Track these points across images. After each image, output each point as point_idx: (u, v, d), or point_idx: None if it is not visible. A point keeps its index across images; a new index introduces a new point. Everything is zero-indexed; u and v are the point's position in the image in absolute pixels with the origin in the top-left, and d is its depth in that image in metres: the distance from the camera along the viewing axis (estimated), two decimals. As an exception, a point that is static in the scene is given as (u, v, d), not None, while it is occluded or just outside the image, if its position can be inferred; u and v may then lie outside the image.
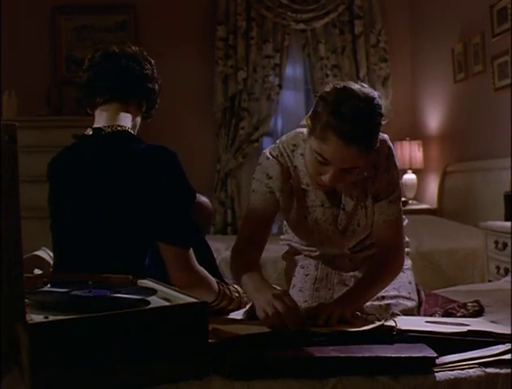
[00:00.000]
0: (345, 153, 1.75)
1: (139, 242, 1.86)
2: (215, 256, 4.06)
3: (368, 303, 2.01)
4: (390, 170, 1.97)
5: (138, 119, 2.03)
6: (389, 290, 2.07)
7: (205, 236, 2.25)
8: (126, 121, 1.95)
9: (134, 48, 2.03)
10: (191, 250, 1.86)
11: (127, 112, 1.96)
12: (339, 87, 1.78)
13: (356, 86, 1.78)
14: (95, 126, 1.94)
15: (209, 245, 2.20)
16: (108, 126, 1.91)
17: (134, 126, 1.99)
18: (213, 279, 1.94)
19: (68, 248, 1.94)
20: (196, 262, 1.88)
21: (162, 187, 1.80)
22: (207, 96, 5.78)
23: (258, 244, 1.99)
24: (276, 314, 1.49)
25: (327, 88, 1.80)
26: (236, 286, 2.07)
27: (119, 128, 1.91)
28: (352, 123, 1.71)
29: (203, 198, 2.39)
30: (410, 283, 2.17)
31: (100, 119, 1.95)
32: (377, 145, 1.85)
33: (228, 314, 1.96)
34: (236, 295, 2.02)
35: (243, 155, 5.74)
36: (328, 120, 1.73)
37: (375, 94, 1.79)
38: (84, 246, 1.88)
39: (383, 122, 1.80)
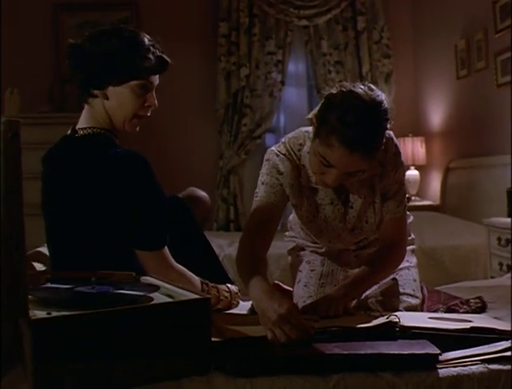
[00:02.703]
0: (349, 159, 1.74)
1: (119, 246, 1.87)
2: (218, 253, 4.08)
3: (371, 299, 2.02)
4: (397, 169, 1.98)
5: (108, 102, 1.91)
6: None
7: (204, 231, 2.25)
8: (96, 119, 1.93)
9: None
10: (165, 249, 1.87)
11: (93, 105, 1.93)
12: (345, 90, 1.76)
13: (362, 89, 1.75)
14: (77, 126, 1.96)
15: (208, 240, 2.20)
16: (84, 128, 1.91)
17: (116, 108, 1.91)
18: (194, 276, 1.94)
19: (55, 248, 1.97)
20: (172, 260, 1.89)
21: (126, 193, 1.81)
22: (210, 93, 5.78)
23: (267, 235, 1.95)
24: (284, 338, 1.48)
25: (334, 90, 1.79)
26: (229, 285, 2.07)
27: (94, 130, 1.90)
28: (357, 131, 1.70)
29: (202, 193, 2.39)
30: (415, 280, 2.17)
31: (81, 116, 1.97)
32: (384, 143, 1.84)
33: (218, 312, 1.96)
34: (226, 295, 2.02)
35: (245, 151, 5.73)
36: (333, 125, 1.72)
37: (382, 97, 1.77)
38: (67, 246, 1.91)
39: (389, 126, 1.79)
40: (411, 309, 2.04)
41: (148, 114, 1.98)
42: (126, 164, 1.82)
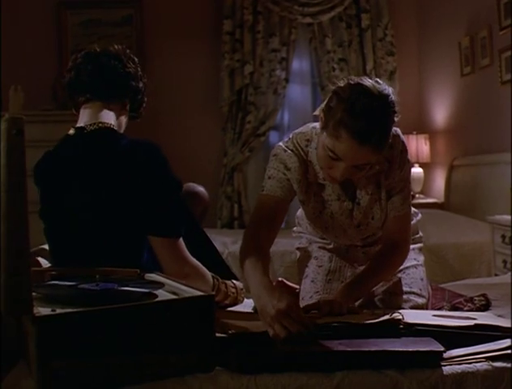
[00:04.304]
0: (358, 152, 1.74)
1: (132, 238, 1.86)
2: (222, 250, 4.07)
3: (375, 297, 2.02)
4: (403, 167, 1.97)
5: (123, 118, 2.02)
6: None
7: (203, 226, 2.24)
8: (109, 118, 1.94)
9: (116, 47, 2.03)
10: (181, 240, 1.86)
11: (110, 110, 1.96)
12: (353, 83, 1.77)
13: (370, 82, 1.76)
14: (77, 125, 1.94)
15: (207, 235, 2.19)
16: (91, 124, 1.91)
17: (118, 125, 1.98)
18: (207, 271, 1.94)
19: (62, 247, 1.95)
20: (187, 252, 1.88)
21: (145, 181, 1.80)
22: (214, 91, 5.77)
23: (272, 229, 1.95)
24: (284, 332, 1.48)
25: (341, 83, 1.79)
26: (234, 281, 2.07)
27: (101, 125, 1.90)
28: (365, 122, 1.70)
29: (200, 189, 2.38)
30: (422, 279, 2.16)
31: (83, 117, 1.95)
32: (391, 140, 1.84)
33: (224, 308, 1.96)
34: (233, 291, 2.02)
35: (249, 149, 5.72)
36: (342, 118, 1.72)
37: (389, 91, 1.77)
38: (77, 244, 1.89)
39: (396, 119, 1.80)
40: (417, 308, 2.03)
41: None
42: (146, 150, 1.83)
